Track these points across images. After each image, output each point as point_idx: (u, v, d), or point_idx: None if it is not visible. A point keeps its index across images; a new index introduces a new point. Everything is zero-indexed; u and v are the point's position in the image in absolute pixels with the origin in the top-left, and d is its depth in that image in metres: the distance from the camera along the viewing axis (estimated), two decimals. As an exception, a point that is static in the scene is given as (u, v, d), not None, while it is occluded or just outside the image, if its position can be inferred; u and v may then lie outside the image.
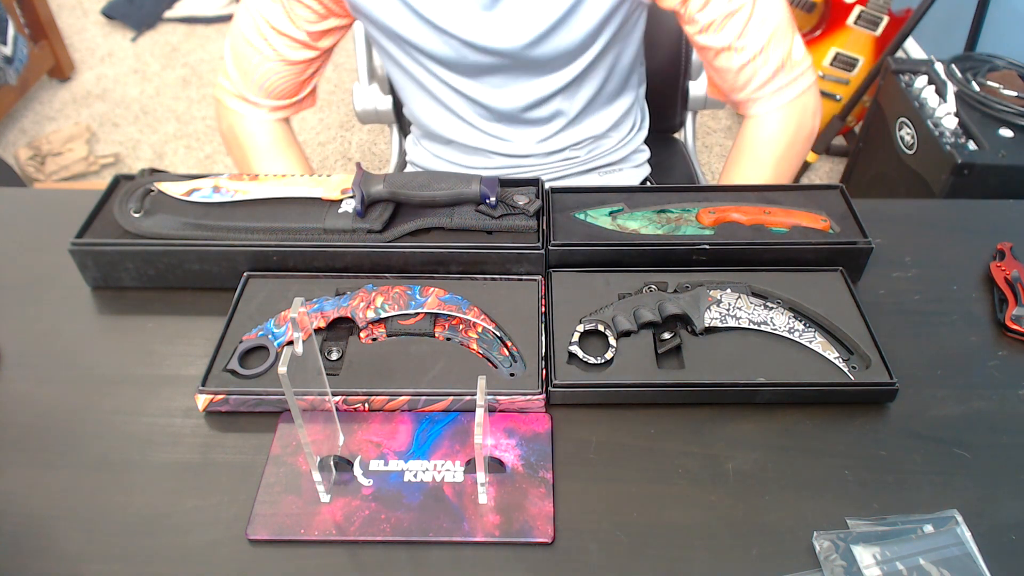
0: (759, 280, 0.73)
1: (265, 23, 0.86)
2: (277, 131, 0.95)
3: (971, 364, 0.70)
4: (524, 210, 0.75)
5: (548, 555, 0.56)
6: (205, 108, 2.49)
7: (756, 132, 0.91)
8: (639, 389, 0.65)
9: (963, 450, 0.63)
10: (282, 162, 0.95)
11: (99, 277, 0.76)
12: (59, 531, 0.57)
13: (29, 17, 2.37)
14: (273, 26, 0.86)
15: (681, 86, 1.26)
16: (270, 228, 0.74)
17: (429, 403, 0.64)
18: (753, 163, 0.92)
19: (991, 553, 0.55)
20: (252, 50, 0.87)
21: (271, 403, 0.64)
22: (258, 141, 0.94)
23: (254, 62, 0.88)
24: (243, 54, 0.88)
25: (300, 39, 0.87)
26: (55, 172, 2.17)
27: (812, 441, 0.63)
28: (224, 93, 0.93)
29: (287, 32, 0.86)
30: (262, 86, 0.90)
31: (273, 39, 0.86)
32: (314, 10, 0.85)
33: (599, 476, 0.61)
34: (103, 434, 0.64)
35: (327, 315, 0.69)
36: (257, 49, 0.87)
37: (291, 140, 0.97)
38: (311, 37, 0.87)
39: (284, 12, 0.85)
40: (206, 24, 2.89)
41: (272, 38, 0.86)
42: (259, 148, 0.94)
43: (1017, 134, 1.52)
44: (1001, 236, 0.83)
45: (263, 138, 0.94)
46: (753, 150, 0.91)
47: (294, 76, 0.91)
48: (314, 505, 0.58)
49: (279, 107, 0.94)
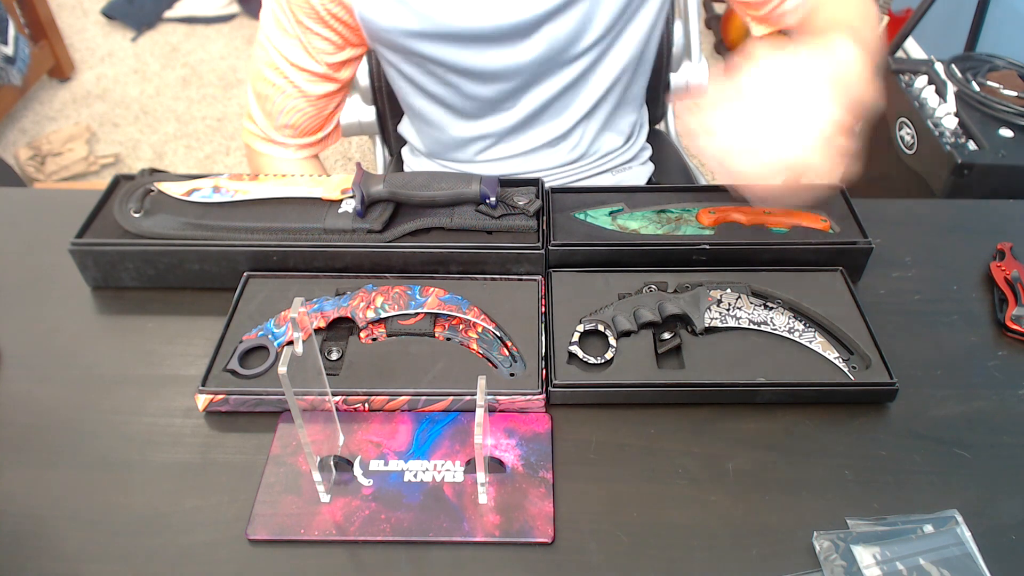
0: (759, 280, 0.73)
1: (283, 60, 0.85)
2: (306, 169, 0.94)
3: (971, 364, 0.70)
4: (524, 210, 0.75)
5: (548, 555, 0.56)
6: (205, 108, 2.49)
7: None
8: (639, 389, 0.65)
9: (963, 450, 0.63)
10: None
11: (99, 277, 0.76)
12: (59, 531, 0.57)
13: (29, 17, 2.37)
14: (292, 62, 0.85)
15: (663, 78, 1.27)
16: (270, 228, 0.74)
17: (429, 403, 0.64)
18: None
19: (991, 553, 0.55)
20: (273, 89, 0.87)
21: (271, 403, 0.64)
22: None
23: (276, 101, 0.88)
24: (265, 95, 0.88)
25: (319, 72, 0.86)
26: (55, 172, 2.17)
27: (812, 441, 0.63)
28: (251, 137, 0.93)
29: (306, 67, 0.85)
30: (286, 125, 0.90)
31: (293, 75, 0.86)
32: (331, 41, 0.84)
33: (599, 476, 0.61)
34: (103, 434, 0.64)
35: (327, 315, 0.69)
36: (278, 88, 0.87)
37: (320, 172, 0.96)
38: (331, 69, 0.87)
39: (301, 46, 0.84)
40: (206, 24, 2.89)
41: (292, 74, 0.86)
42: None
43: (1017, 134, 1.52)
44: (1001, 236, 0.83)
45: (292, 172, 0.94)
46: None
47: (317, 111, 0.90)
48: (314, 505, 0.58)
49: (305, 145, 0.93)
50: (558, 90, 0.90)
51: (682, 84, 1.27)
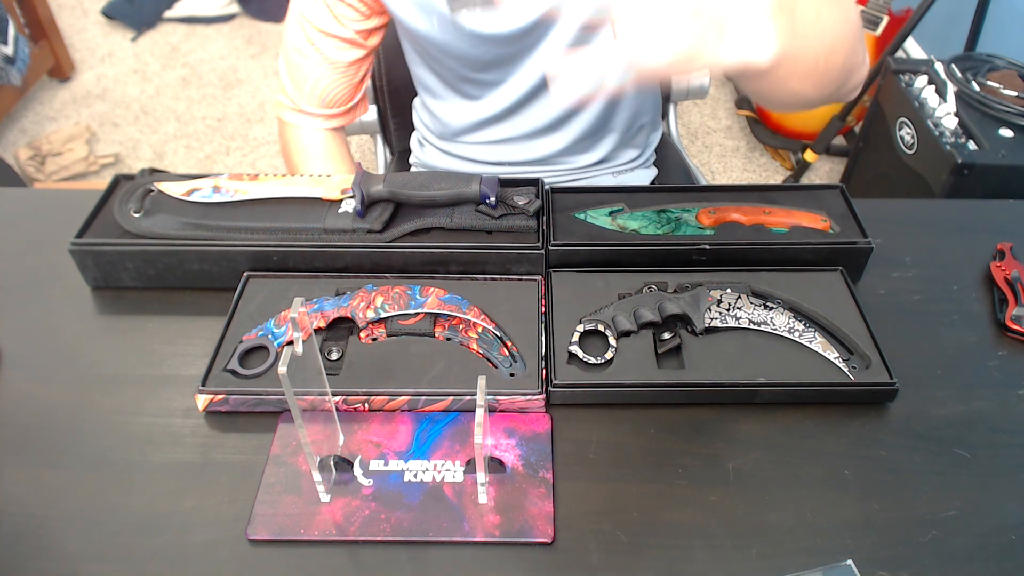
0: (759, 280, 0.73)
1: (313, 28, 0.87)
2: (330, 141, 0.96)
3: (971, 364, 0.70)
4: (524, 210, 0.75)
5: (548, 555, 0.56)
6: (205, 108, 2.49)
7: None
8: (639, 389, 0.65)
9: (963, 450, 0.63)
10: (333, 171, 0.96)
11: (99, 277, 0.76)
12: (59, 531, 0.57)
13: (29, 17, 2.37)
14: (321, 29, 0.87)
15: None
16: (270, 228, 0.74)
17: (429, 403, 0.64)
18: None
19: (991, 553, 0.56)
20: (303, 58, 0.89)
21: (271, 403, 0.64)
22: (312, 152, 0.96)
23: (306, 71, 0.90)
24: (295, 63, 0.90)
25: (348, 38, 0.88)
26: (55, 172, 2.17)
27: (812, 441, 0.63)
28: (282, 109, 0.95)
29: (335, 33, 0.87)
30: (315, 94, 0.92)
31: (321, 43, 0.88)
32: (357, 9, 0.86)
33: (599, 476, 0.61)
34: (103, 434, 0.64)
35: (327, 315, 0.69)
36: (307, 56, 0.89)
37: (344, 151, 0.98)
38: (359, 36, 0.89)
39: (329, 13, 0.86)
40: (206, 24, 2.89)
41: (320, 42, 0.88)
42: (313, 158, 0.96)
43: (1017, 134, 1.52)
44: (1001, 236, 0.83)
45: (316, 148, 0.96)
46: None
47: (347, 80, 0.92)
48: (314, 505, 0.58)
49: (334, 115, 0.95)
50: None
51: (683, 86, 1.27)
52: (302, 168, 0.97)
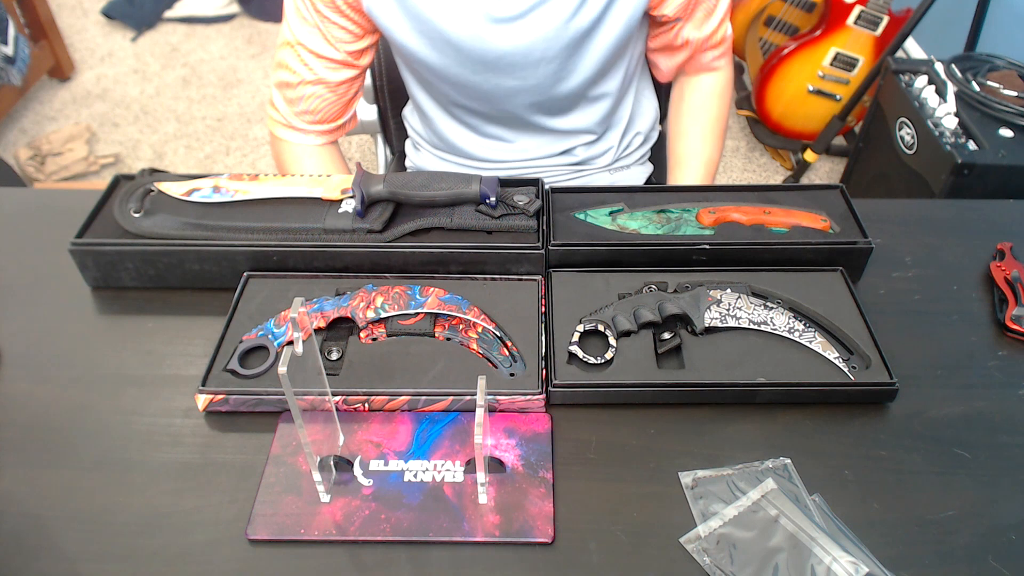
0: (759, 280, 0.73)
1: (304, 48, 0.87)
2: (324, 155, 0.97)
3: (971, 364, 0.70)
4: (524, 210, 0.75)
5: (548, 555, 0.56)
6: (205, 108, 2.49)
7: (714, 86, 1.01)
8: (639, 389, 0.65)
9: (963, 450, 0.63)
10: None
11: (99, 277, 0.76)
12: (59, 531, 0.57)
13: (29, 17, 2.37)
14: (312, 50, 0.87)
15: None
16: (270, 228, 0.74)
17: (429, 403, 0.64)
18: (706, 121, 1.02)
19: (991, 553, 0.55)
20: (294, 76, 0.89)
21: (271, 403, 0.64)
22: (305, 163, 0.96)
23: (297, 89, 0.90)
24: (286, 82, 0.90)
25: (339, 59, 0.88)
26: (55, 172, 2.17)
27: (812, 441, 0.63)
28: (274, 124, 0.95)
29: (325, 54, 0.87)
30: (306, 111, 0.92)
31: (313, 63, 0.88)
32: (349, 30, 0.86)
33: (599, 476, 0.61)
34: (103, 434, 0.64)
35: (327, 315, 0.69)
36: (299, 75, 0.89)
37: (338, 161, 0.99)
38: (350, 56, 0.89)
39: (320, 35, 0.86)
40: (206, 24, 2.89)
41: (312, 62, 0.88)
42: (307, 170, 0.96)
43: (1017, 134, 1.52)
44: (1001, 236, 0.83)
45: (310, 161, 0.96)
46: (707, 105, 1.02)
47: (337, 98, 0.92)
48: (314, 505, 0.58)
49: (325, 131, 0.95)
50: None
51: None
52: None
